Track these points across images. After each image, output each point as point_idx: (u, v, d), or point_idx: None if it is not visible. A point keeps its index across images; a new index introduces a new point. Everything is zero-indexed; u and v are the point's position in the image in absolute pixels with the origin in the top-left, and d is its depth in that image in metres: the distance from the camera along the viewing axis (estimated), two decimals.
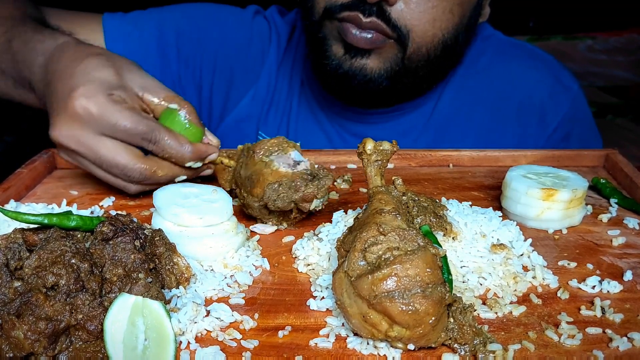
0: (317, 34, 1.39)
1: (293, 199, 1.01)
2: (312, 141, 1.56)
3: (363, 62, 1.35)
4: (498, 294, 0.90)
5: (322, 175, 1.04)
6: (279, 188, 1.01)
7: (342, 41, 1.35)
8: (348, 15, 1.30)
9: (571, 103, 1.57)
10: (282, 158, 1.05)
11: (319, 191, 1.01)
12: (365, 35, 1.30)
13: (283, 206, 1.01)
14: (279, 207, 1.02)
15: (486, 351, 0.77)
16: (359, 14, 1.28)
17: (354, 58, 1.35)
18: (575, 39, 3.92)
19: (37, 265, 0.77)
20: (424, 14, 1.30)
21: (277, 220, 1.09)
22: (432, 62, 1.38)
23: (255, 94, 1.59)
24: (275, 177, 1.02)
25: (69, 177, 1.29)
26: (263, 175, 1.03)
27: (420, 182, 1.29)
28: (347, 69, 1.36)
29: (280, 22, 1.65)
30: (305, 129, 1.59)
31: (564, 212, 1.07)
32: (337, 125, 1.58)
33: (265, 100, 1.59)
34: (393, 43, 1.33)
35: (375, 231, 0.80)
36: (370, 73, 1.36)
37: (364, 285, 0.75)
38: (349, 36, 1.31)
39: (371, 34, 1.30)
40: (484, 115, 1.55)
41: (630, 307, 0.87)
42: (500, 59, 1.59)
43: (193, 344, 0.79)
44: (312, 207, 1.03)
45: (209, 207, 0.97)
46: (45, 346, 0.73)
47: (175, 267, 0.88)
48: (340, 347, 0.79)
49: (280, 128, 1.60)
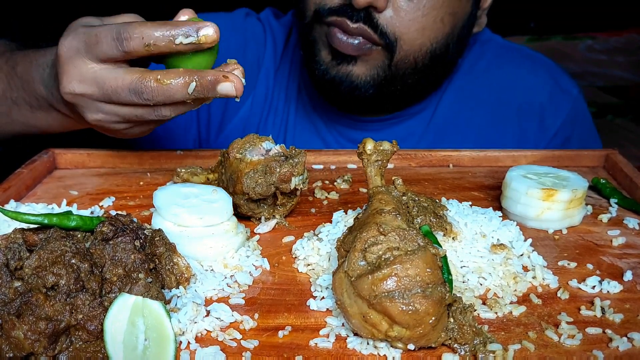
0: (308, 36, 1.38)
1: (271, 182, 1.03)
2: (310, 147, 1.56)
3: (349, 68, 1.34)
4: (498, 294, 0.90)
5: (295, 154, 1.05)
6: (255, 175, 1.03)
7: (329, 46, 1.34)
8: (335, 19, 1.29)
9: (571, 107, 1.56)
10: (255, 150, 1.07)
11: (294, 168, 1.03)
12: (351, 42, 1.29)
13: (263, 191, 1.03)
14: (260, 193, 1.03)
15: (486, 351, 0.77)
16: (346, 19, 1.27)
17: (340, 64, 1.34)
18: (575, 39, 3.92)
19: (37, 265, 0.77)
20: (413, 22, 1.28)
21: (268, 212, 1.09)
22: (420, 70, 1.37)
23: (254, 101, 1.58)
24: (250, 167, 1.04)
25: (69, 177, 1.29)
26: (240, 170, 1.04)
27: (420, 182, 1.29)
28: (334, 75, 1.35)
29: (275, 24, 1.62)
30: (303, 136, 1.58)
31: (564, 212, 1.07)
32: (335, 132, 1.57)
33: (264, 108, 1.58)
34: (380, 50, 1.31)
35: (375, 231, 0.80)
36: (357, 80, 1.35)
37: (364, 285, 0.75)
38: (335, 41, 1.30)
39: (357, 40, 1.29)
40: (483, 121, 1.55)
41: (630, 307, 0.87)
42: (499, 64, 1.59)
43: (193, 344, 0.79)
44: (293, 186, 1.04)
45: (209, 207, 0.97)
46: (46, 346, 0.73)
47: (175, 267, 0.89)
48: (340, 347, 0.79)
49: (278, 136, 1.59)
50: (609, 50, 3.85)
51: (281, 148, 1.07)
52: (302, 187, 1.06)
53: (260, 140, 1.08)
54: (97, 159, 1.33)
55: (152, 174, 1.30)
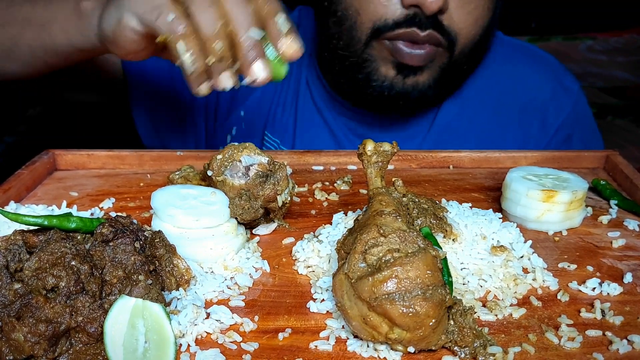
0: (359, 56, 1.34)
1: (257, 206, 1.02)
2: (319, 142, 1.55)
3: (416, 79, 1.33)
4: (498, 296, 0.90)
5: (276, 169, 1.03)
6: (240, 202, 1.01)
7: (392, 62, 1.32)
8: (404, 32, 1.26)
9: (573, 105, 1.57)
10: (234, 169, 1.04)
11: (276, 187, 1.02)
12: (418, 52, 1.28)
13: (252, 217, 1.02)
14: (248, 219, 1.02)
15: (486, 354, 0.77)
16: (416, 28, 1.25)
17: (406, 77, 1.33)
18: (576, 39, 3.92)
19: (37, 267, 0.77)
20: (469, 16, 1.29)
21: (266, 219, 1.09)
22: (470, 58, 1.39)
23: (262, 95, 1.57)
24: (233, 192, 1.02)
25: (69, 178, 1.29)
26: (226, 194, 1.02)
27: (420, 184, 1.28)
28: (400, 89, 1.34)
29: None
30: (311, 130, 1.58)
31: (564, 214, 1.07)
32: (343, 127, 1.56)
33: (273, 101, 1.58)
34: (442, 51, 1.31)
35: (375, 233, 0.80)
36: (423, 87, 1.35)
37: (364, 287, 0.75)
38: (404, 56, 1.28)
39: (424, 50, 1.28)
40: (487, 118, 1.55)
41: (630, 310, 0.87)
42: (502, 61, 1.59)
43: (193, 347, 0.79)
44: (281, 203, 1.03)
45: (206, 209, 0.97)
46: (46, 349, 0.73)
47: (175, 269, 0.88)
48: (341, 349, 0.79)
49: (286, 130, 1.59)
50: (609, 50, 3.85)
51: (260, 167, 1.03)
52: (291, 198, 1.05)
53: (238, 152, 1.04)
54: (97, 160, 1.33)
55: (152, 175, 1.30)
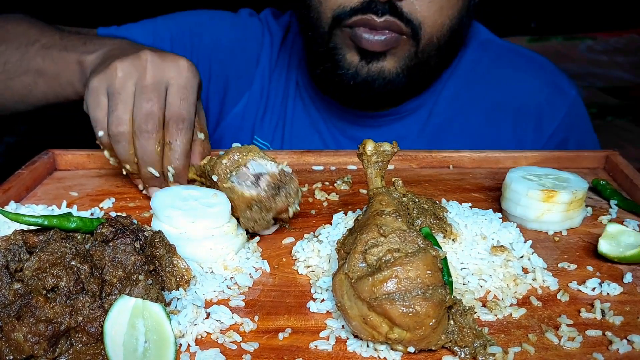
0: (326, 45, 1.37)
1: (269, 219, 1.02)
2: (308, 144, 1.56)
3: (380, 65, 1.34)
4: (498, 296, 0.90)
5: (287, 181, 1.03)
6: (251, 214, 1.01)
7: (355, 48, 1.34)
8: (361, 18, 1.29)
9: (568, 108, 1.56)
10: (242, 176, 1.02)
11: (288, 200, 1.02)
12: (378, 38, 1.30)
13: (264, 227, 1.03)
14: (259, 230, 1.03)
15: (486, 354, 0.77)
16: (372, 15, 1.27)
17: (370, 63, 1.34)
18: (576, 39, 3.92)
19: (37, 267, 0.77)
20: (432, 3, 1.30)
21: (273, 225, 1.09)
22: (441, 49, 1.38)
23: (250, 99, 1.58)
24: (243, 202, 1.01)
25: (69, 178, 1.29)
26: (233, 201, 1.01)
27: (420, 184, 1.28)
28: (365, 75, 1.35)
29: (273, 24, 1.64)
30: (301, 132, 1.59)
31: (564, 214, 1.07)
32: (333, 128, 1.57)
33: (260, 105, 1.59)
34: (406, 39, 1.32)
35: (375, 233, 0.80)
36: (389, 75, 1.35)
37: (364, 287, 0.75)
38: (363, 41, 1.30)
39: (385, 35, 1.30)
40: (480, 120, 1.55)
41: (630, 310, 0.87)
42: (496, 65, 1.59)
43: (193, 347, 0.79)
44: (292, 213, 1.04)
45: (205, 211, 0.96)
46: (46, 349, 0.73)
47: (175, 269, 0.88)
48: (341, 349, 0.79)
49: (275, 132, 1.59)
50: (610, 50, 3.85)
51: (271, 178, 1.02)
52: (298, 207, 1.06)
53: (244, 157, 1.02)
54: (97, 160, 1.33)
55: None
